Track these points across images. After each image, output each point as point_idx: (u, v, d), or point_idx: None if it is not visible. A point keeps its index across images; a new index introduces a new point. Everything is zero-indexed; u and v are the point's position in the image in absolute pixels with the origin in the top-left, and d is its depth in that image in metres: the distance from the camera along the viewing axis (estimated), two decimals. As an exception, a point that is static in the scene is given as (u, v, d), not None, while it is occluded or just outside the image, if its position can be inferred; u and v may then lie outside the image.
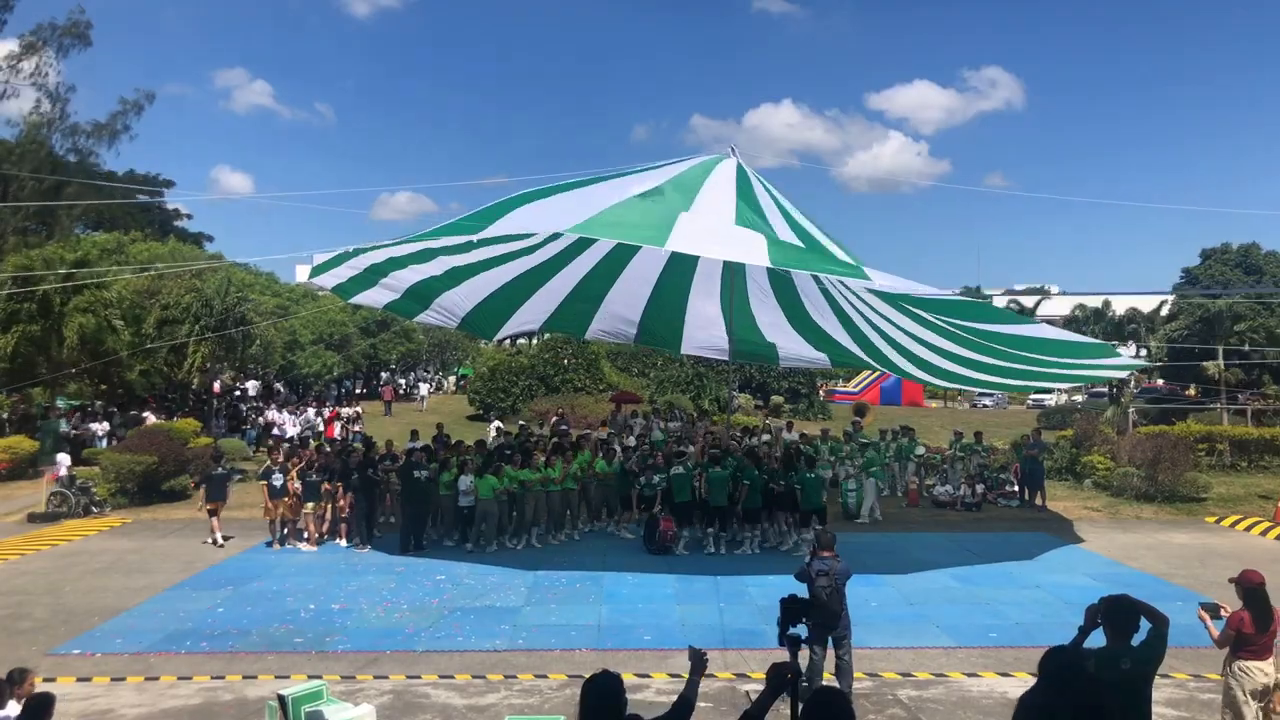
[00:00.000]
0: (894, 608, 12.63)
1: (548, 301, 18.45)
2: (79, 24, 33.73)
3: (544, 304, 18.59)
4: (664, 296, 18.26)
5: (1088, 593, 13.47)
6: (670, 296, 18.23)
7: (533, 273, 17.13)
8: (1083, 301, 57.44)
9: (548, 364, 36.52)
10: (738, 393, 38.47)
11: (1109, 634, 5.40)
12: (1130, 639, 5.39)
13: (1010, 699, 9.35)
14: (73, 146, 35.71)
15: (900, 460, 21.85)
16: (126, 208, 46.98)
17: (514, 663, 10.44)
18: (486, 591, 13.39)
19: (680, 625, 11.80)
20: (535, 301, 18.37)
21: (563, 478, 16.72)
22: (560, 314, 19.19)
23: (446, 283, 16.75)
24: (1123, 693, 5.06)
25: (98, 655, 10.65)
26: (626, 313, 19.09)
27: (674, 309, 18.74)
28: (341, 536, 16.60)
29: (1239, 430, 26.22)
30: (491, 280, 17.08)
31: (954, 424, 23.74)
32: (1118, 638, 5.37)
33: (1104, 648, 5.37)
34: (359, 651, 10.69)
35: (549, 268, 17.05)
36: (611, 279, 17.74)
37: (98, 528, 18.15)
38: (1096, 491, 21.86)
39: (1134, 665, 5.30)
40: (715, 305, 18.13)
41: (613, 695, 4.17)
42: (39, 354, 26.78)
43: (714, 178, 14.37)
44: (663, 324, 19.50)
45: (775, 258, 12.05)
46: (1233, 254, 56.84)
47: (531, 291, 17.89)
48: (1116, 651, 5.32)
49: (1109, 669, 5.17)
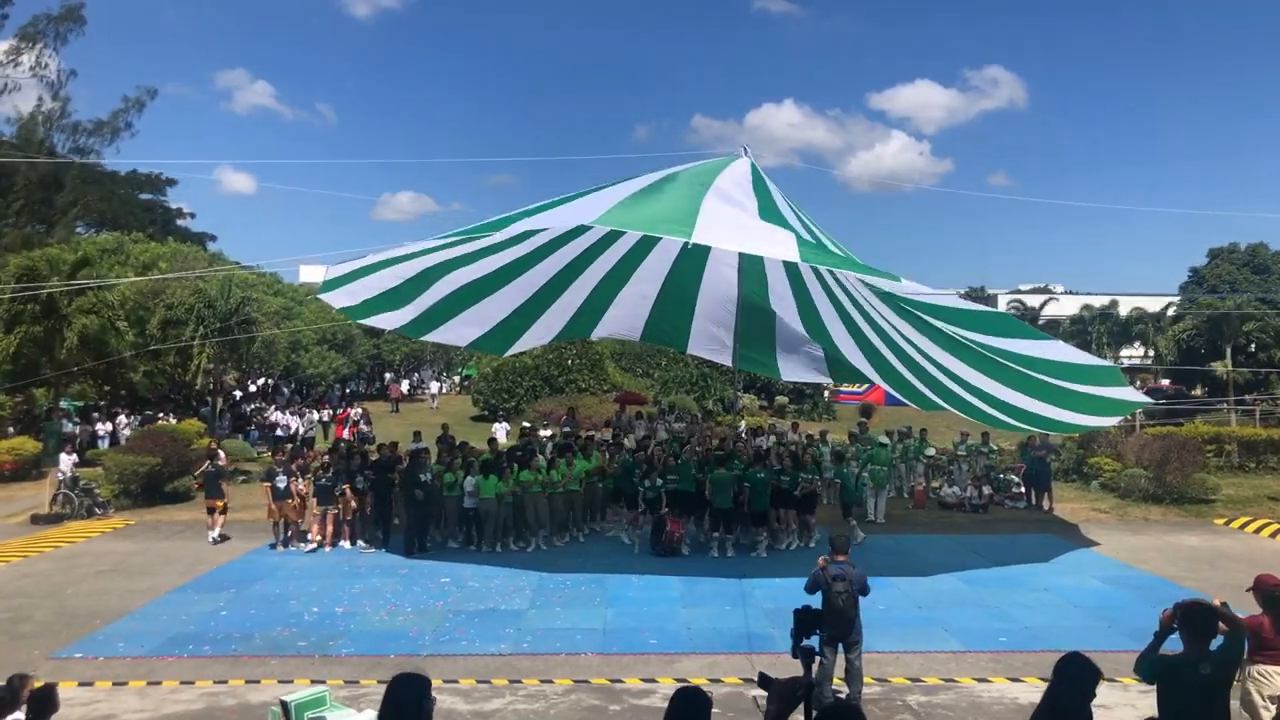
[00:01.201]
0: (902, 611, 12.51)
1: (558, 318, 18.40)
2: (73, 9, 33.78)
3: (555, 320, 18.53)
4: (673, 293, 18.14)
5: (1097, 596, 13.44)
6: (679, 293, 18.10)
7: (544, 290, 17.12)
8: (1089, 302, 57.37)
9: (552, 364, 36.44)
10: (742, 393, 38.34)
11: (1186, 639, 5.39)
12: (1208, 644, 5.39)
13: (1021, 704, 9.28)
14: (74, 145, 35.73)
15: (907, 461, 21.75)
16: (129, 207, 47.00)
17: (519, 667, 10.35)
18: (491, 595, 13.31)
19: (686, 629, 11.70)
20: (546, 318, 18.34)
21: (566, 480, 16.62)
22: (570, 326, 19.14)
23: (455, 306, 16.74)
24: (1201, 697, 5.13)
25: (100, 659, 10.57)
26: (635, 310, 19.00)
27: (683, 305, 18.65)
28: (346, 538, 16.52)
29: (1247, 431, 26.09)
30: (503, 302, 17.10)
31: (959, 425, 23.55)
32: (1196, 643, 5.36)
33: (1182, 653, 5.38)
34: (363, 656, 10.60)
35: (559, 281, 17.01)
36: (622, 282, 17.66)
37: (101, 529, 18.10)
38: (1104, 493, 21.73)
39: (1213, 670, 5.29)
40: (725, 308, 17.99)
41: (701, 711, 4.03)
42: (42, 355, 26.77)
43: (730, 173, 14.30)
44: (669, 321, 19.42)
45: (806, 254, 11.93)
46: (1240, 253, 56.61)
47: (543, 310, 17.85)
48: (1195, 657, 5.32)
49: (1189, 674, 5.22)
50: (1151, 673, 5.43)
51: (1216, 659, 5.36)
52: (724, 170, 14.39)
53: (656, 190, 13.23)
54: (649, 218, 12.40)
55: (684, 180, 13.71)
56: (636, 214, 12.49)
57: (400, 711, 3.91)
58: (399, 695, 3.93)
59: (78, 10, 33.79)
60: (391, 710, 3.91)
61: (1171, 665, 5.34)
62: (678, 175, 13.98)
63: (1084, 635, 11.51)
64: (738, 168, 14.73)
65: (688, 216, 12.02)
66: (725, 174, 14.19)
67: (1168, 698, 5.33)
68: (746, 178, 14.41)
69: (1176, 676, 5.27)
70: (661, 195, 13.04)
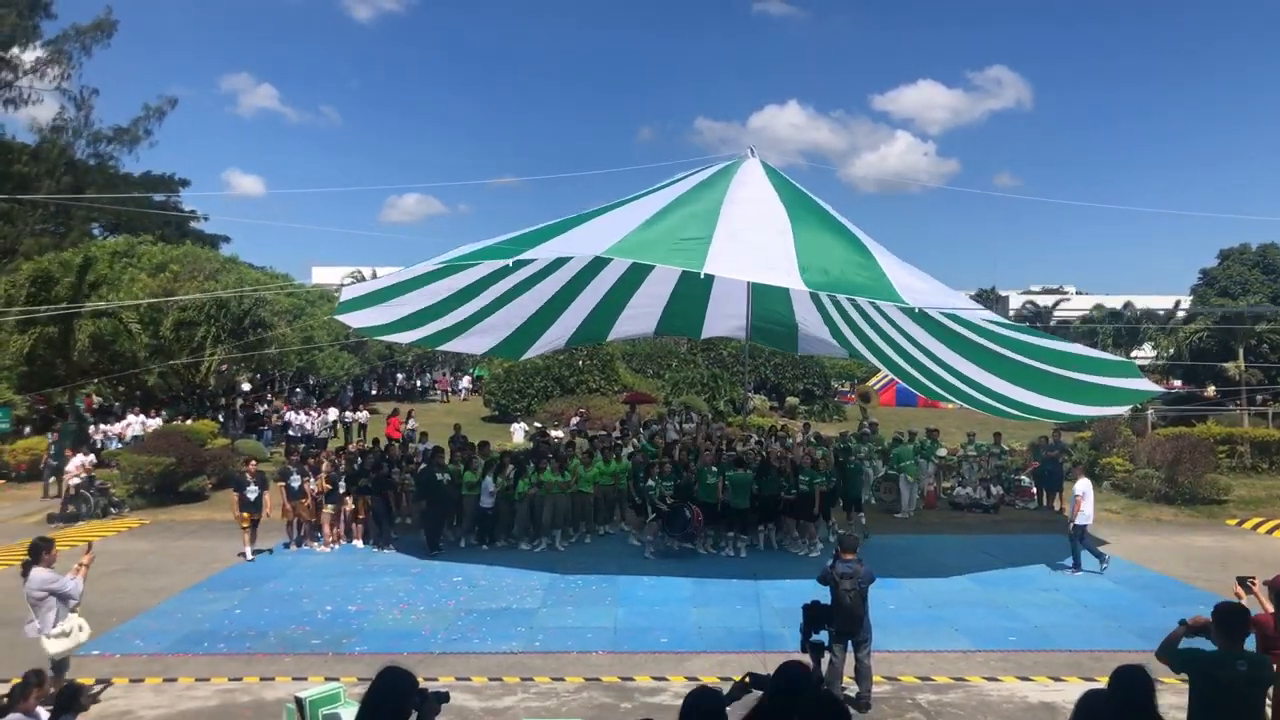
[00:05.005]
0: (912, 610, 12.54)
1: (573, 319, 18.48)
2: (105, 23, 33.84)
3: (569, 322, 18.62)
4: (686, 291, 18.18)
5: (1107, 596, 13.44)
6: (693, 291, 18.14)
7: (558, 296, 17.27)
8: (1100, 302, 57.15)
9: (563, 365, 36.50)
10: (753, 394, 38.36)
11: (1221, 639, 5.54)
12: (1242, 644, 5.53)
13: (1030, 704, 9.31)
14: (94, 152, 35.94)
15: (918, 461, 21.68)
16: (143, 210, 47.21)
17: (530, 665, 10.42)
18: (503, 593, 13.38)
19: (697, 628, 11.75)
20: (562, 321, 18.43)
21: (574, 480, 16.66)
22: (584, 328, 19.22)
23: (472, 320, 16.93)
24: (1236, 694, 5.28)
25: (116, 656, 10.69)
26: (649, 310, 19.09)
27: (696, 299, 18.71)
28: (358, 538, 16.62)
29: (1260, 432, 25.96)
30: (519, 309, 17.24)
31: (971, 425, 23.54)
32: (1231, 642, 5.49)
33: (1219, 650, 5.53)
34: (376, 653, 10.66)
35: (573, 288, 17.13)
36: (635, 285, 17.73)
37: (116, 529, 18.24)
38: (1115, 493, 21.66)
39: (1249, 668, 5.41)
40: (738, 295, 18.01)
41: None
42: (57, 356, 26.97)
43: (740, 178, 14.32)
44: (683, 314, 19.51)
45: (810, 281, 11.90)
46: (1251, 254, 56.25)
47: (558, 314, 17.97)
48: (1232, 654, 5.45)
49: (1225, 670, 5.34)
50: (1182, 663, 5.57)
51: (1254, 658, 5.53)
52: (734, 177, 14.39)
53: (669, 214, 13.17)
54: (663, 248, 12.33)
55: (696, 199, 13.66)
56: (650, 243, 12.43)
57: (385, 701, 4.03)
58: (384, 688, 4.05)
59: (109, 24, 33.86)
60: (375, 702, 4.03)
61: (1207, 659, 5.47)
62: (690, 193, 13.93)
63: (1094, 635, 11.55)
64: (748, 171, 14.75)
65: (699, 244, 12.03)
66: (736, 182, 14.18)
67: (1202, 691, 5.45)
68: (762, 179, 14.42)
69: (1212, 671, 5.39)
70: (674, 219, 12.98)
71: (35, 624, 8.75)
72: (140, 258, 30.15)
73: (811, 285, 12.02)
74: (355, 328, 17.62)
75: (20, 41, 31.90)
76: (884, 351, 16.89)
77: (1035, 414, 16.01)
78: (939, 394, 15.95)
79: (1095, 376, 15.33)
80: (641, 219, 12.93)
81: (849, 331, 17.66)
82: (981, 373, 15.57)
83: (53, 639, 8.75)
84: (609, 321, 19.35)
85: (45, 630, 8.73)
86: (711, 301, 19.03)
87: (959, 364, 15.60)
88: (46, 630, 8.73)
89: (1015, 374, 15.29)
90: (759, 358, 39.63)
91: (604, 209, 14.27)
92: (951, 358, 15.55)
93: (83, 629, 9.05)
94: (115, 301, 26.60)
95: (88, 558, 9.43)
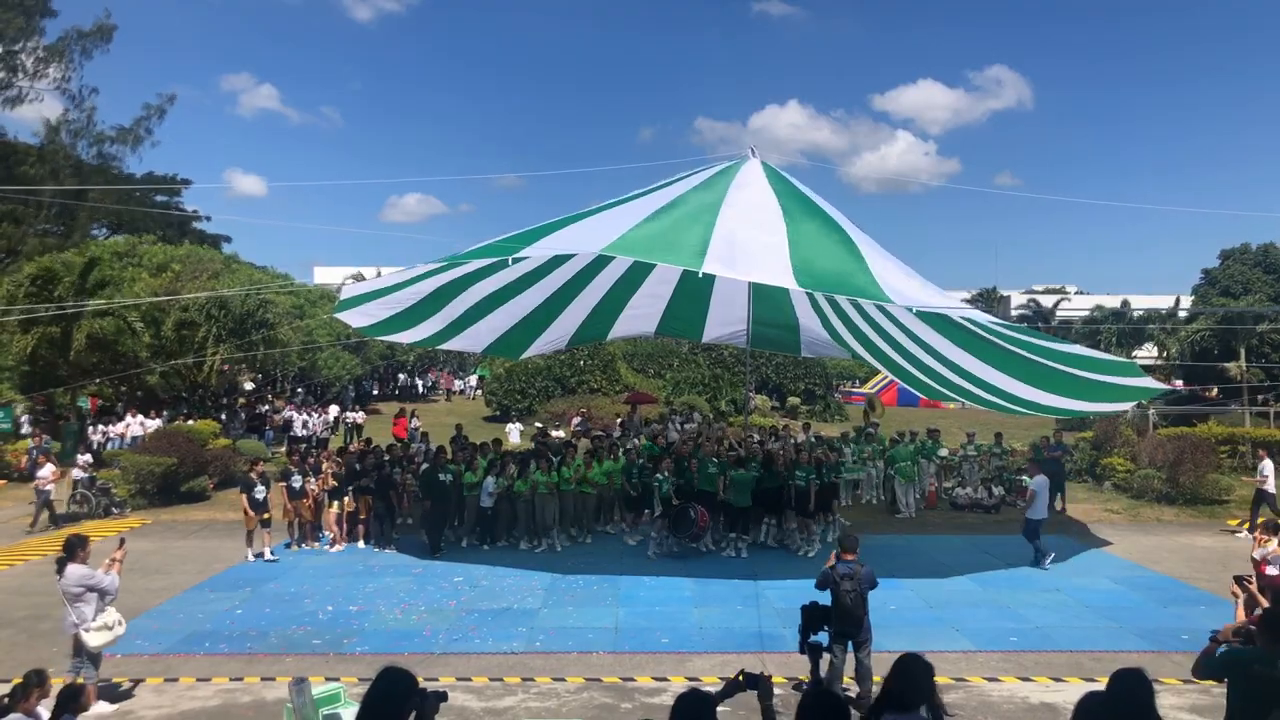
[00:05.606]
0: (913, 611, 12.54)
1: (574, 318, 18.47)
2: (105, 27, 33.91)
3: (570, 321, 18.61)
4: (687, 291, 18.19)
5: (1108, 596, 13.42)
6: (693, 291, 18.15)
7: (558, 295, 17.24)
8: (1101, 302, 57.10)
9: (564, 365, 36.52)
10: (754, 394, 38.35)
11: (1265, 640, 5.58)
12: None
13: (1031, 704, 9.31)
14: (97, 152, 36.01)
15: (919, 462, 21.67)
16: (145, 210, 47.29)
17: (531, 665, 10.42)
18: (504, 594, 13.39)
19: (698, 628, 11.76)
20: (562, 320, 18.42)
21: (577, 478, 16.66)
22: (584, 328, 19.21)
23: (471, 317, 16.89)
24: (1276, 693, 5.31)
25: (118, 656, 10.65)
26: (649, 310, 19.08)
27: (697, 300, 18.70)
28: (361, 538, 16.63)
29: (1261, 432, 25.92)
30: (519, 307, 17.22)
31: (971, 425, 23.54)
32: (1274, 643, 5.52)
33: (1260, 649, 5.58)
34: (377, 653, 10.66)
35: (573, 287, 17.11)
36: (635, 285, 17.73)
37: (117, 529, 18.23)
38: (1117, 494, 21.66)
39: None
40: (739, 297, 18.02)
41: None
42: (59, 356, 26.98)
43: (740, 179, 14.32)
44: (684, 315, 19.49)
45: (802, 281, 11.97)
46: (1252, 254, 56.24)
47: (558, 312, 17.95)
48: (1273, 655, 5.47)
49: (1265, 669, 5.38)
50: (1222, 667, 5.66)
51: None
52: (734, 179, 14.40)
53: (668, 212, 13.21)
54: (661, 246, 12.42)
55: (696, 199, 13.70)
56: (649, 241, 12.48)
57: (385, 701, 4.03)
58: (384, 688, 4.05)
59: (108, 28, 33.93)
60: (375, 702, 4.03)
61: (1248, 658, 5.53)
62: (690, 193, 13.96)
63: (1095, 635, 11.55)
64: (749, 171, 14.75)
65: (699, 244, 12.10)
66: (735, 184, 14.19)
67: (1242, 691, 5.51)
68: (762, 179, 14.43)
69: (1251, 671, 5.44)
70: (673, 218, 13.02)
71: (73, 618, 8.87)
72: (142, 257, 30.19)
73: (803, 285, 12.13)
74: (355, 326, 17.62)
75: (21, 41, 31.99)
76: (884, 352, 16.90)
77: (1040, 410, 16.03)
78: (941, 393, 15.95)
79: (1099, 375, 15.36)
80: (642, 217, 12.98)
81: (847, 333, 17.66)
82: (987, 369, 15.59)
83: (94, 632, 8.91)
84: (609, 321, 19.36)
85: (86, 624, 8.88)
86: (712, 303, 19.04)
87: (965, 360, 15.63)
88: (87, 624, 8.89)
89: (1021, 370, 15.32)
90: (760, 357, 39.64)
91: (604, 206, 14.30)
92: (957, 354, 15.58)
93: (121, 624, 9.19)
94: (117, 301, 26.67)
95: (120, 553, 9.55)
